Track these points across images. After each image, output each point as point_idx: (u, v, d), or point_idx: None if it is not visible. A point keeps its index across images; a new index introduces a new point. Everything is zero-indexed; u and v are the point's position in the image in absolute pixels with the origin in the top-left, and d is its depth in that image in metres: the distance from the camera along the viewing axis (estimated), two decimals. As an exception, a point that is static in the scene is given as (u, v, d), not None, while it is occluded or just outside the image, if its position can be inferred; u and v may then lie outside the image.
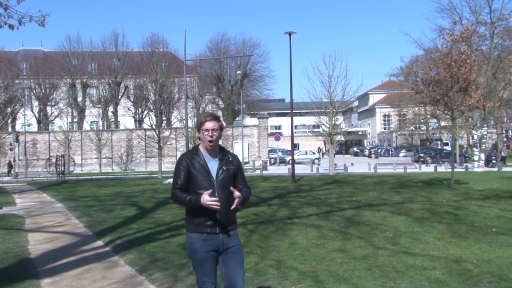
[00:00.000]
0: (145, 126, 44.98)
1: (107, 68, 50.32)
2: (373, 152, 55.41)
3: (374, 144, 71.97)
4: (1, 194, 19.38)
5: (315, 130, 35.70)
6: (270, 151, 46.37)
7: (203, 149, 3.45)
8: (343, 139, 38.57)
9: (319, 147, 63.30)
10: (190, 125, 31.30)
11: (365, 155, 59.24)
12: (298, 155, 44.11)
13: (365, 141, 77.31)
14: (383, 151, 52.57)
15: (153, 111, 38.62)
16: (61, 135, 42.36)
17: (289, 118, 26.96)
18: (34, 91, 51.14)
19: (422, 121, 57.62)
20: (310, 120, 34.10)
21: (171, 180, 3.60)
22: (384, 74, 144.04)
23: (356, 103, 72.96)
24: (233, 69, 52.70)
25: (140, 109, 50.86)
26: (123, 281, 5.62)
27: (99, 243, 8.18)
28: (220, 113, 49.54)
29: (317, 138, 39.27)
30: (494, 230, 8.16)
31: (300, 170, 30.90)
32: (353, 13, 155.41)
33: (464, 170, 29.92)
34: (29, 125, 48.09)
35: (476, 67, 16.21)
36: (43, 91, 50.89)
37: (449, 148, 48.83)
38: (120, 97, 51.55)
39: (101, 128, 48.33)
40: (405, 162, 35.01)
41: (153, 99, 36.70)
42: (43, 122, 51.28)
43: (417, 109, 54.36)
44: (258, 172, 32.22)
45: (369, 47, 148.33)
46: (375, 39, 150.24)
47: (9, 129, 44.44)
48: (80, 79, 51.14)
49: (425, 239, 7.50)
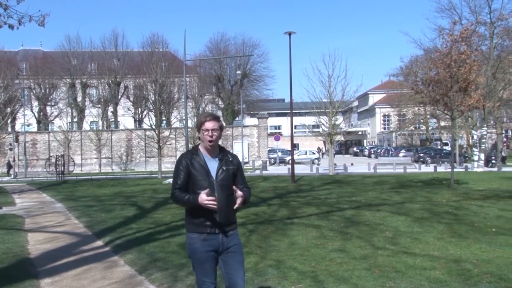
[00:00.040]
0: (144, 126, 44.95)
1: (106, 68, 50.30)
2: (372, 152, 55.41)
3: (373, 144, 71.97)
4: (1, 194, 19.35)
5: (315, 130, 35.71)
6: (269, 151, 46.36)
7: (203, 149, 3.45)
8: (342, 139, 38.60)
9: (319, 147, 63.32)
10: (189, 125, 31.29)
11: (364, 155, 59.24)
12: (297, 155, 44.11)
13: (365, 141, 77.32)
14: (382, 151, 52.58)
15: (153, 111, 38.64)
16: (60, 135, 42.35)
17: (289, 118, 26.96)
18: (33, 91, 51.12)
19: (421, 121, 57.62)
20: (309, 120, 34.12)
21: (171, 180, 3.59)
22: (383, 74, 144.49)
23: (355, 103, 72.94)
24: (233, 69, 52.70)
25: (139, 109, 50.84)
26: (122, 281, 5.62)
27: (99, 243, 8.18)
28: (220, 113, 49.52)
29: (317, 138, 39.29)
30: (493, 230, 8.16)
31: (300, 170, 30.90)
32: (353, 13, 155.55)
33: (463, 170, 29.94)
34: (28, 125, 48.08)
35: (475, 67, 16.22)
36: (43, 91, 50.87)
37: (448, 148, 48.83)
38: (119, 97, 51.53)
39: (100, 128, 48.33)
40: (404, 162, 35.03)
41: (153, 99, 36.70)
42: (43, 122, 51.25)
43: (416, 109, 54.37)
44: (257, 172, 32.22)
45: (369, 47, 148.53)
46: (374, 39, 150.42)
47: (9, 129, 44.44)
48: (79, 79, 51.11)
49: (424, 239, 7.50)
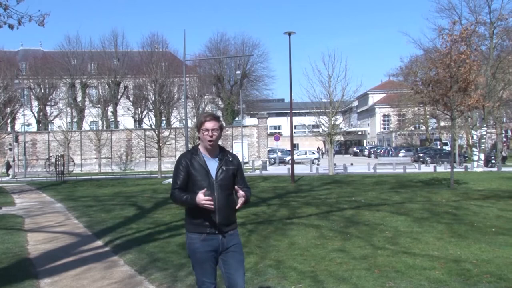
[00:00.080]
0: (144, 126, 44.95)
1: (106, 68, 50.27)
2: (372, 152, 55.43)
3: (373, 144, 71.99)
4: (1, 194, 19.34)
5: (315, 130, 35.72)
6: (269, 151, 46.35)
7: (202, 149, 3.45)
8: (342, 139, 38.58)
9: (319, 147, 63.38)
10: (189, 125, 31.30)
11: (364, 155, 59.27)
12: (297, 155, 44.13)
13: (365, 141, 77.34)
14: (382, 151, 52.59)
15: (153, 111, 38.60)
16: (60, 135, 42.34)
17: (289, 118, 26.96)
18: (33, 91, 51.09)
19: (421, 121, 57.62)
20: (309, 120, 34.14)
21: (171, 180, 3.59)
22: (383, 74, 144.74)
23: (355, 103, 73.04)
24: (233, 69, 52.71)
25: (139, 109, 50.81)
26: (122, 281, 5.62)
27: (99, 243, 8.18)
28: (219, 113, 49.52)
29: (317, 138, 39.36)
30: (493, 230, 8.17)
31: (299, 170, 30.93)
32: (352, 13, 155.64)
33: (463, 170, 29.95)
34: (28, 125, 48.05)
35: (475, 67, 16.23)
36: (43, 91, 50.84)
37: (448, 148, 48.87)
38: (119, 97, 51.51)
39: (100, 128, 48.33)
40: (404, 162, 35.03)
41: (153, 99, 36.65)
42: (43, 122, 51.23)
43: (416, 109, 54.38)
44: (257, 172, 32.21)
45: (369, 47, 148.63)
46: (374, 39, 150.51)
47: (9, 129, 44.42)
48: (79, 79, 51.11)
49: (424, 239, 7.50)
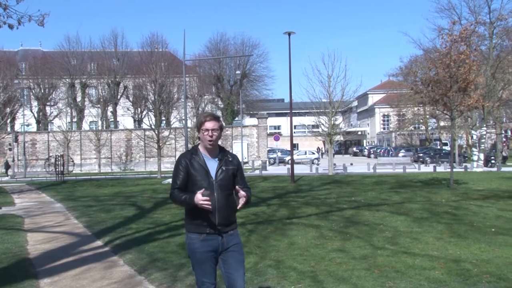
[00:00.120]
0: (144, 126, 44.94)
1: (106, 68, 50.26)
2: (372, 152, 55.44)
3: (373, 144, 72.01)
4: (0, 194, 19.34)
5: (315, 130, 35.72)
6: (269, 151, 46.36)
7: (202, 149, 3.44)
8: (342, 139, 38.56)
9: (318, 147, 63.38)
10: (189, 125, 31.29)
11: (364, 155, 59.27)
12: (297, 155, 44.14)
13: (364, 141, 77.35)
14: (382, 151, 52.61)
15: (152, 111, 38.59)
16: (60, 135, 42.34)
17: (289, 118, 26.96)
18: (33, 91, 51.08)
19: (421, 121, 57.65)
20: (309, 120, 34.15)
21: (170, 180, 3.59)
22: (383, 74, 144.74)
23: (355, 103, 73.02)
24: (232, 69, 52.70)
25: (139, 109, 50.81)
26: (122, 281, 5.62)
27: (98, 243, 8.17)
28: (219, 113, 49.50)
29: (317, 138, 39.32)
30: (493, 230, 8.17)
31: (299, 170, 30.93)
32: (352, 13, 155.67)
33: (463, 170, 29.94)
34: (28, 125, 48.02)
35: (475, 67, 16.23)
36: (42, 91, 50.82)
37: (448, 148, 48.88)
38: (119, 97, 51.50)
39: (100, 128, 48.32)
40: (404, 162, 35.04)
41: (152, 99, 36.65)
42: (42, 122, 51.21)
43: (416, 109, 54.40)
44: (257, 172, 32.22)
45: (369, 47, 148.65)
46: (374, 39, 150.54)
47: (8, 129, 44.41)
48: (79, 79, 51.09)
49: (424, 239, 7.50)
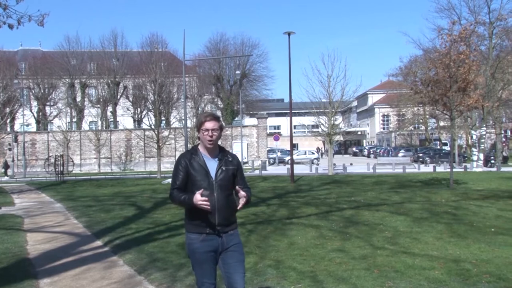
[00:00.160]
0: (144, 126, 44.95)
1: (106, 68, 50.26)
2: (372, 152, 55.44)
3: (373, 144, 72.01)
4: (0, 194, 19.34)
5: (314, 130, 35.71)
6: (269, 151, 46.37)
7: (202, 149, 3.43)
8: (342, 139, 38.57)
9: (318, 147, 63.37)
10: (189, 125, 31.31)
11: (364, 155, 59.27)
12: (297, 155, 44.14)
13: (364, 141, 77.36)
14: (382, 151, 52.61)
15: (152, 111, 38.63)
16: (60, 135, 42.31)
17: (288, 118, 26.96)
18: (33, 91, 51.06)
19: (421, 121, 57.67)
20: (309, 120, 34.14)
21: (170, 180, 3.58)
22: (383, 74, 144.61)
23: (355, 103, 73.02)
24: (232, 69, 52.71)
25: (139, 109, 50.81)
26: (122, 281, 5.62)
27: (98, 243, 8.17)
28: (219, 113, 49.50)
29: (316, 138, 39.32)
30: (493, 230, 8.17)
31: (299, 170, 30.93)
32: (352, 13, 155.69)
33: (463, 170, 29.95)
34: (28, 125, 48.01)
35: (474, 67, 16.24)
36: (42, 91, 50.81)
37: (448, 148, 48.88)
38: (119, 97, 51.49)
39: (100, 128, 48.32)
40: (404, 162, 35.06)
41: (152, 99, 36.67)
42: (42, 122, 51.20)
43: (416, 109, 54.41)
44: (257, 172, 32.22)
45: (368, 47, 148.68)
46: (374, 39, 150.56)
47: (8, 129, 44.39)
48: (79, 79, 51.08)
49: (424, 239, 7.50)
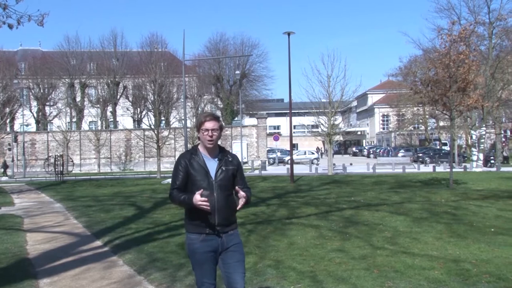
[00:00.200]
0: (143, 126, 44.95)
1: (105, 68, 50.24)
2: (371, 152, 55.45)
3: (372, 144, 72.00)
4: (0, 194, 19.33)
5: (314, 130, 35.72)
6: (269, 151, 46.37)
7: (202, 149, 3.43)
8: (341, 139, 38.60)
9: (318, 147, 63.39)
10: (188, 125, 31.32)
11: (364, 155, 59.27)
12: (297, 155, 44.14)
13: (364, 141, 77.37)
14: (381, 151, 52.61)
15: (152, 111, 38.62)
16: (59, 135, 42.30)
17: (288, 118, 26.96)
18: (32, 91, 51.05)
19: (420, 121, 57.66)
20: (309, 120, 34.15)
21: (170, 180, 3.58)
22: (382, 74, 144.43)
23: (354, 103, 73.04)
24: (232, 69, 52.72)
25: (138, 109, 50.80)
26: (121, 281, 5.62)
27: (98, 243, 8.17)
28: (219, 113, 49.50)
29: (316, 138, 39.35)
30: (492, 230, 8.17)
31: (299, 170, 30.93)
32: (351, 13, 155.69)
33: (462, 170, 29.96)
34: (27, 125, 48.02)
35: (474, 67, 16.25)
36: (42, 91, 50.80)
37: (447, 148, 48.89)
38: (118, 97, 51.48)
39: (99, 128, 48.32)
40: (403, 162, 35.06)
41: (152, 99, 36.66)
42: (42, 122, 51.19)
43: (415, 109, 54.40)
44: (257, 172, 32.22)
45: (368, 47, 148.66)
46: (374, 39, 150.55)
47: (8, 129, 44.39)
48: (78, 79, 51.07)
49: (423, 239, 7.51)
